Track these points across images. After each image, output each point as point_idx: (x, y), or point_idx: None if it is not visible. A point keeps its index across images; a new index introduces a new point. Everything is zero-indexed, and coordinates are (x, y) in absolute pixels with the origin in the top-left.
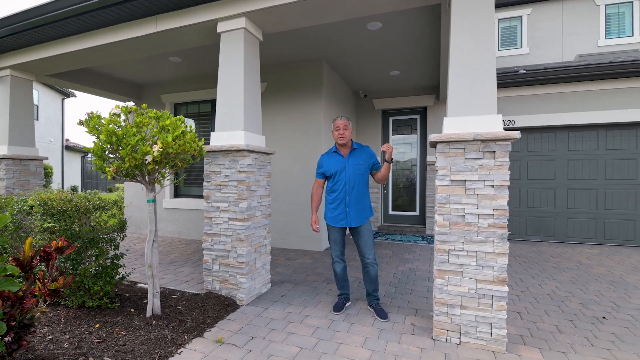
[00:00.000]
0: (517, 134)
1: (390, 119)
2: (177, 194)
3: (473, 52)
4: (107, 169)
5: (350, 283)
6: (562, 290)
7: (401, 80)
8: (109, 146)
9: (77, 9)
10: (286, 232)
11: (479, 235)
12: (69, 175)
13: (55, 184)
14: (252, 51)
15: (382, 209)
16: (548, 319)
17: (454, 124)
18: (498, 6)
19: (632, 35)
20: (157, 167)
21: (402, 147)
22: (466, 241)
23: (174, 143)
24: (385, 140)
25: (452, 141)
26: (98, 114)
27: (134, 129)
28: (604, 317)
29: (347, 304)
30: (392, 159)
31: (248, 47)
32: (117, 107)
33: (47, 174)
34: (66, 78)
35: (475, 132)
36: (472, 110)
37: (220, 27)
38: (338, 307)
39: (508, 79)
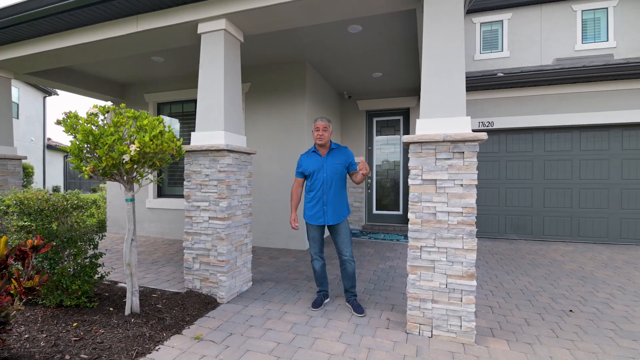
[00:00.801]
0: (483, 135)
1: (374, 119)
2: (160, 194)
3: (444, 56)
4: (84, 168)
5: (330, 280)
6: (534, 286)
7: (384, 82)
8: (86, 145)
9: (56, 8)
10: (270, 232)
11: (449, 232)
12: (51, 175)
13: (37, 184)
14: (233, 52)
15: (366, 209)
16: (518, 312)
17: (426, 125)
18: (479, 10)
19: (607, 40)
20: (135, 166)
21: (386, 148)
22: (437, 238)
23: (151, 143)
24: (369, 141)
25: (423, 142)
26: (75, 113)
27: (112, 129)
28: (570, 310)
29: (326, 301)
30: (369, 172)
31: (228, 49)
32: (95, 106)
33: (28, 173)
34: (47, 76)
35: (445, 133)
36: (443, 112)
37: (201, 28)
38: (317, 304)
39: (487, 82)
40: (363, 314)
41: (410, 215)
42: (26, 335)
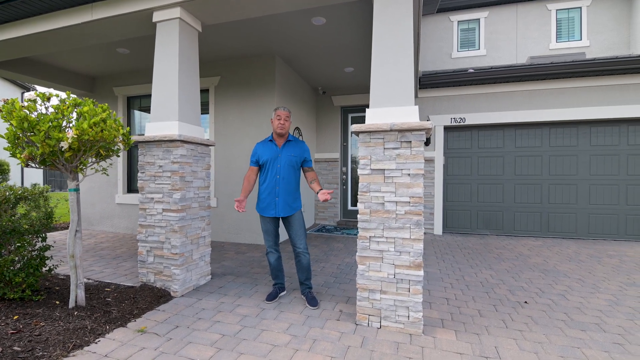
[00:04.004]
0: (429, 124)
1: (349, 115)
2: (130, 189)
3: (393, 46)
4: (18, 155)
5: (291, 274)
6: (495, 279)
7: (356, 77)
8: (22, 132)
9: None
10: (240, 227)
11: (397, 222)
12: (30, 173)
13: (13, 182)
14: (189, 42)
15: (341, 205)
16: (473, 304)
17: (375, 114)
18: (457, 8)
19: (581, 40)
20: (77, 154)
21: None
22: (385, 228)
23: (90, 130)
24: (345, 136)
25: (371, 131)
26: (14, 100)
27: (51, 115)
28: (525, 302)
29: (282, 294)
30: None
31: (184, 38)
32: (36, 93)
33: (3, 171)
34: (10, 68)
35: (392, 122)
36: (391, 102)
37: (156, 17)
38: (271, 297)
39: (458, 78)
40: (317, 306)
41: (359, 206)
42: None
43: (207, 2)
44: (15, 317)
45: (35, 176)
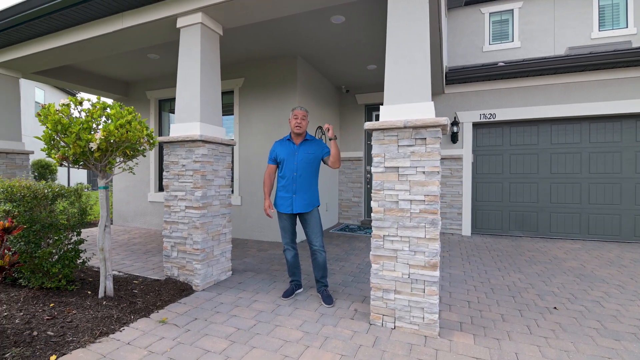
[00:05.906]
0: (444, 120)
1: (374, 113)
2: (161, 187)
3: (407, 41)
4: (53, 155)
5: (309, 272)
6: (524, 282)
7: (380, 75)
8: (56, 134)
9: (48, 8)
10: (263, 225)
11: (411, 221)
12: (76, 173)
13: (60, 182)
14: (210, 46)
15: (365, 204)
16: (496, 308)
17: (389, 111)
18: (488, 0)
19: (627, 27)
20: (105, 154)
21: None
22: (399, 227)
23: (116, 131)
24: (369, 135)
25: (385, 128)
26: (50, 105)
27: (83, 119)
28: (555, 308)
29: (299, 291)
30: (335, 136)
31: (206, 42)
32: (69, 98)
33: (51, 171)
34: (53, 76)
35: (406, 119)
36: (406, 98)
37: (180, 23)
38: (287, 293)
39: (488, 72)
40: (332, 304)
41: (373, 204)
42: (5, 314)
43: (226, 7)
44: (52, 305)
45: (80, 176)
